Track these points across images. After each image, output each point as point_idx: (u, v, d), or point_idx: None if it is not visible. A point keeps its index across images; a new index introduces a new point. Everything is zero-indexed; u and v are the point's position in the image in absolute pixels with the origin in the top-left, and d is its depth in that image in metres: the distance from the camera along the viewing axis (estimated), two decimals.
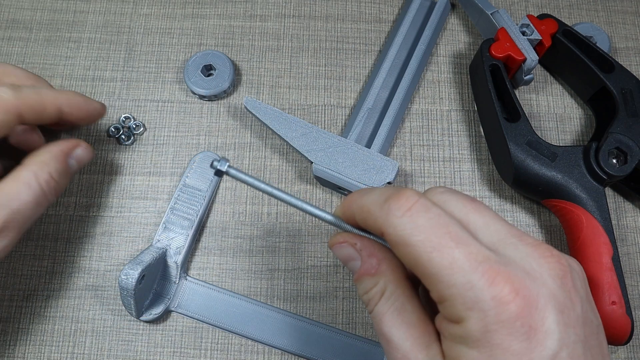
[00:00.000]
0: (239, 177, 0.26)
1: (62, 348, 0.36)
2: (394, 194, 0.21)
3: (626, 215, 0.40)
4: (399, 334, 0.22)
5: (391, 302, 0.23)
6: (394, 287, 0.23)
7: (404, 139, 0.42)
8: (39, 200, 0.30)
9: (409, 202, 0.21)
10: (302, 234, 0.39)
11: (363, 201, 0.23)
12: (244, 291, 0.38)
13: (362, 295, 0.24)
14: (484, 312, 0.19)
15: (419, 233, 0.20)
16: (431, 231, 0.20)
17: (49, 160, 0.31)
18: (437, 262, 0.19)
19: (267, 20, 0.45)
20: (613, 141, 0.37)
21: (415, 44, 0.42)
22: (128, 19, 0.45)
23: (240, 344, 0.36)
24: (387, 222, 0.21)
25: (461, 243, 0.20)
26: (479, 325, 0.19)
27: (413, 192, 0.21)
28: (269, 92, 0.43)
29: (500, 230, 0.21)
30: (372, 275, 0.23)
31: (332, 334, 0.36)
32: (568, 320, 0.19)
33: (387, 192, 0.22)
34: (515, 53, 0.39)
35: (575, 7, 0.46)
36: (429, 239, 0.20)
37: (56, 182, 0.31)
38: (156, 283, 0.36)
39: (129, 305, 0.34)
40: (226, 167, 0.26)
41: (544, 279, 0.20)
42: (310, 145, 0.37)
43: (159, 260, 0.35)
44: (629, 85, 0.38)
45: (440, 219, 0.20)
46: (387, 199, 0.21)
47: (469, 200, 0.22)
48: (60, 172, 0.32)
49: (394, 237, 0.21)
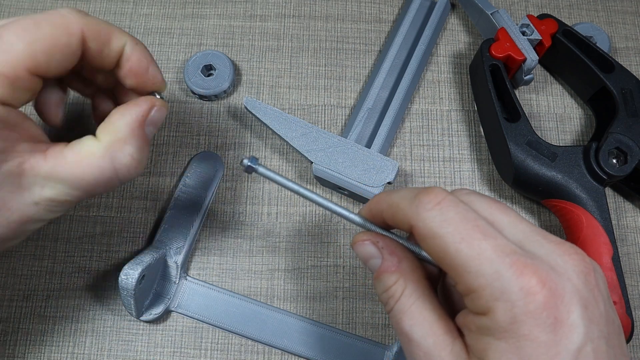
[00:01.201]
0: (268, 175, 0.26)
1: (62, 348, 0.36)
2: (423, 191, 0.22)
3: (626, 215, 0.40)
4: (421, 331, 0.22)
5: (412, 300, 0.23)
6: (414, 285, 0.23)
7: (404, 139, 0.42)
8: (110, 184, 0.26)
9: (439, 197, 0.21)
10: (302, 234, 0.39)
11: (393, 198, 0.24)
12: (244, 291, 0.38)
13: (382, 293, 0.24)
14: (511, 303, 0.19)
15: (448, 225, 0.21)
16: (460, 223, 0.20)
17: (128, 137, 0.26)
18: (465, 253, 0.20)
19: (267, 20, 0.45)
20: (613, 141, 0.37)
21: (415, 44, 0.42)
22: (128, 19, 0.45)
23: (240, 344, 0.36)
24: (417, 215, 0.22)
25: (489, 236, 0.20)
26: (506, 315, 0.19)
27: (441, 190, 0.22)
28: (269, 92, 0.43)
29: (525, 229, 0.22)
30: (392, 272, 0.24)
31: (332, 334, 0.36)
32: (592, 316, 0.19)
33: (416, 189, 0.23)
34: (515, 53, 0.39)
35: (575, 7, 0.46)
36: (457, 231, 0.20)
37: (137, 162, 0.26)
38: (156, 283, 0.36)
39: (129, 305, 0.34)
40: (257, 164, 0.26)
41: (569, 275, 0.20)
42: (310, 145, 0.37)
43: (159, 260, 0.35)
44: (629, 85, 0.38)
45: (468, 214, 0.21)
46: (417, 194, 0.22)
47: (494, 201, 0.23)
48: (140, 149, 0.26)
49: (423, 229, 0.21)
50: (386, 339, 0.37)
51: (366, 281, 0.38)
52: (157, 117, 0.28)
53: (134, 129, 0.26)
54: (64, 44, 0.24)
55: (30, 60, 0.24)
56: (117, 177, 0.26)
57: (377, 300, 0.38)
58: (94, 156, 0.25)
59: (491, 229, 0.21)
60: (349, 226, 0.39)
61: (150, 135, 0.28)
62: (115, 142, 0.25)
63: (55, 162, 0.24)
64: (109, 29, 0.26)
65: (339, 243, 0.39)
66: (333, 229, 0.39)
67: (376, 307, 0.37)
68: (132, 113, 0.27)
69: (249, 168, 0.26)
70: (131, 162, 0.26)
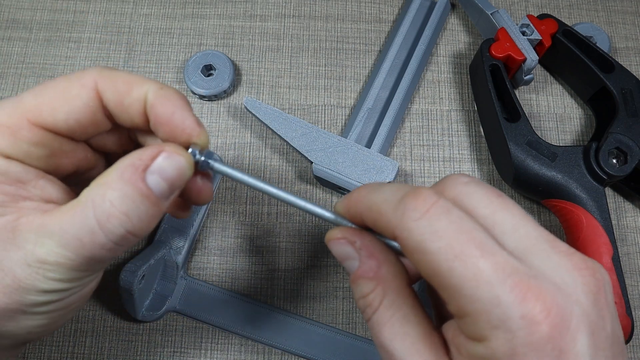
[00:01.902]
0: (225, 171, 0.23)
1: (62, 348, 0.36)
2: (409, 193, 0.19)
3: (626, 215, 0.40)
4: (403, 348, 0.20)
5: (392, 311, 0.20)
6: (395, 295, 0.21)
7: (404, 139, 0.42)
8: (97, 244, 0.20)
9: (427, 203, 0.18)
10: (302, 234, 0.39)
11: (373, 199, 0.20)
12: (244, 291, 0.38)
13: (358, 299, 0.22)
14: (512, 333, 0.17)
15: (439, 239, 0.18)
16: (453, 237, 0.18)
17: (113, 181, 0.21)
18: (459, 273, 0.17)
19: (267, 20, 0.45)
20: (613, 141, 0.37)
21: (415, 44, 0.42)
22: (128, 19, 0.45)
23: (240, 344, 0.36)
24: (401, 226, 0.19)
25: (487, 251, 0.17)
26: (505, 347, 0.17)
27: (431, 192, 0.19)
28: (269, 92, 0.43)
29: (530, 234, 0.19)
30: (370, 278, 0.21)
31: (332, 334, 0.36)
32: (599, 342, 0.18)
33: (401, 190, 0.19)
34: (515, 53, 0.39)
35: (575, 7, 0.46)
36: (450, 247, 0.17)
37: (123, 214, 0.20)
38: (156, 283, 0.36)
39: (130, 305, 0.34)
40: (211, 162, 0.23)
41: (578, 296, 0.18)
42: (310, 145, 0.37)
43: (159, 261, 0.35)
44: (629, 85, 0.38)
45: (463, 224, 0.18)
46: (402, 198, 0.19)
47: (495, 195, 0.20)
48: (129, 199, 0.20)
49: (410, 242, 0.18)
50: None
51: None
52: (165, 165, 0.21)
53: (122, 173, 0.21)
54: (74, 95, 0.22)
55: (34, 110, 0.22)
56: (103, 233, 0.20)
57: None
58: (77, 202, 0.21)
59: (490, 242, 0.18)
60: None
61: (157, 189, 0.21)
62: (97, 186, 0.21)
63: (49, 215, 0.21)
64: (128, 78, 0.23)
65: None
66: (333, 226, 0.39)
67: None
68: (128, 157, 0.22)
69: (203, 164, 0.22)
70: (111, 210, 0.20)
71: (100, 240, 0.20)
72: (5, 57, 0.43)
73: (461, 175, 0.20)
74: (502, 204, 0.19)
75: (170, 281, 0.36)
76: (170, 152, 0.22)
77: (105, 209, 0.20)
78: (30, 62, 0.43)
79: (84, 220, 0.20)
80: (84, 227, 0.20)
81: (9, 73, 0.43)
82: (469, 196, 0.20)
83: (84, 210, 0.20)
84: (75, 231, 0.20)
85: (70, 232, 0.20)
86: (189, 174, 0.22)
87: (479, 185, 0.20)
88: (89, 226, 0.20)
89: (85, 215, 0.20)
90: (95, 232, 0.20)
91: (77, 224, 0.20)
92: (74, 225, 0.20)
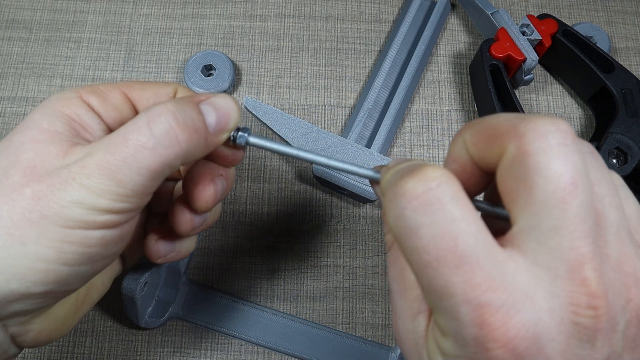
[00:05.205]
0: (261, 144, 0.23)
1: (62, 348, 0.36)
2: (411, 172, 0.17)
3: None
4: (397, 289, 0.19)
5: (396, 256, 0.20)
6: None
7: (404, 139, 0.42)
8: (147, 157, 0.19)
9: (420, 188, 0.16)
10: (302, 234, 0.39)
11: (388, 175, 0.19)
12: (244, 291, 0.38)
13: (385, 234, 0.21)
14: (465, 348, 0.16)
15: (417, 239, 0.16)
16: (432, 241, 0.16)
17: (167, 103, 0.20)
18: (429, 277, 0.16)
19: (267, 20, 0.45)
20: (613, 141, 0.37)
21: (415, 44, 0.42)
22: (128, 19, 0.45)
23: (240, 344, 0.36)
24: (387, 207, 0.17)
25: (465, 264, 0.15)
26: (458, 351, 0.16)
27: (433, 173, 0.16)
28: (269, 92, 0.43)
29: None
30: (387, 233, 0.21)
31: (333, 336, 0.36)
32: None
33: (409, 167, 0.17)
34: (515, 53, 0.39)
35: (575, 7, 0.46)
36: (425, 250, 0.16)
37: (173, 119, 0.20)
38: (159, 290, 0.36)
39: (132, 312, 0.33)
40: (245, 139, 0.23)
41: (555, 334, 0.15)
42: (310, 145, 0.37)
43: (161, 267, 0.35)
44: (629, 85, 0.38)
45: (451, 226, 0.15)
46: (403, 176, 0.17)
47: (618, 178, 0.17)
48: (188, 116, 0.20)
49: (391, 227, 0.17)
50: (386, 339, 0.37)
51: (366, 281, 0.38)
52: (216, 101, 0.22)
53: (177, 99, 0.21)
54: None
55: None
56: (154, 139, 0.19)
57: (377, 300, 0.38)
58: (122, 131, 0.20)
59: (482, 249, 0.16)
60: (349, 226, 0.39)
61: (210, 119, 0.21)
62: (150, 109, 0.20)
63: None
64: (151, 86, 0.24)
65: (339, 243, 0.39)
66: (333, 229, 0.39)
67: (376, 307, 0.37)
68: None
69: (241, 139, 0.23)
70: (165, 117, 0.20)
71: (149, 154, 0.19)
72: (5, 57, 0.43)
73: (561, 122, 0.16)
74: (628, 196, 0.18)
75: (173, 287, 0.36)
76: (222, 95, 0.22)
77: (165, 126, 0.19)
78: (30, 62, 0.43)
79: (136, 121, 0.20)
80: (136, 127, 0.20)
81: (9, 73, 0.43)
82: (588, 168, 0.16)
83: (138, 119, 0.20)
84: (125, 133, 0.20)
85: (119, 132, 0.20)
86: (237, 119, 0.22)
87: (593, 155, 0.17)
88: (140, 128, 0.19)
89: (139, 119, 0.20)
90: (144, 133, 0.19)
91: (129, 125, 0.20)
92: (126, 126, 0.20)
